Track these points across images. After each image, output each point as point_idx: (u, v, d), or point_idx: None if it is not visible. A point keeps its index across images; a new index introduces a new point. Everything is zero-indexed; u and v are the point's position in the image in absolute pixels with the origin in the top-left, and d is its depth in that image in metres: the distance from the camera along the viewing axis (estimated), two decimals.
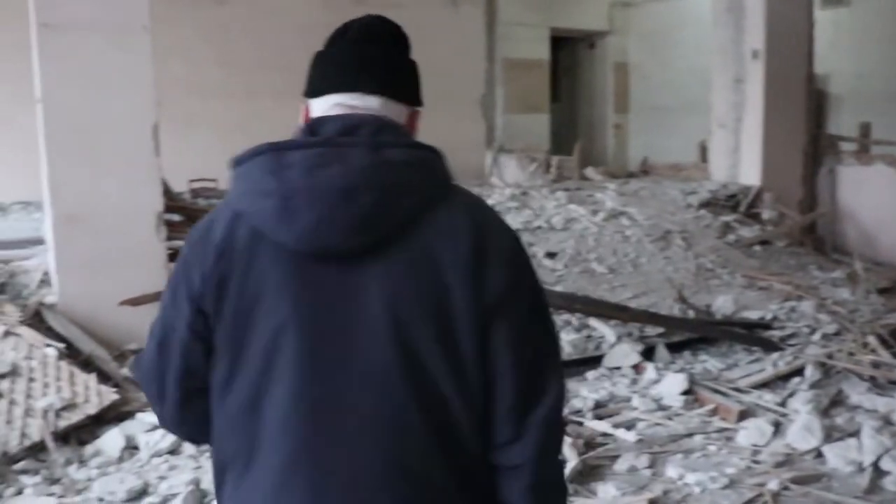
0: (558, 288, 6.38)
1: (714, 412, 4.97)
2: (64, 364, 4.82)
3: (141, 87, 5.61)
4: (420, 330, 1.48)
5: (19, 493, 3.90)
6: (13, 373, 4.61)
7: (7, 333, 4.98)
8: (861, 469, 4.25)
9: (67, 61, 5.41)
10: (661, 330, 5.90)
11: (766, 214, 8.80)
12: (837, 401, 5.15)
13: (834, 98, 12.55)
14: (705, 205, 8.69)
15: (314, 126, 1.53)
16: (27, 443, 4.17)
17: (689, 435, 4.70)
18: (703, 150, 11.02)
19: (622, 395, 5.19)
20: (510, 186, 9.29)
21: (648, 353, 5.70)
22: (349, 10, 1.95)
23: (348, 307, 1.49)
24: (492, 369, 1.51)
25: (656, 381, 5.32)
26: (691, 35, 13.13)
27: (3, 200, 8.81)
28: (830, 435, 4.57)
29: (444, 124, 10.99)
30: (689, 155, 12.48)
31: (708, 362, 5.69)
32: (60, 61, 5.40)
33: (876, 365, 5.48)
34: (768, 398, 5.10)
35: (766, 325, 6.20)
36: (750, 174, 9.36)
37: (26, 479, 3.98)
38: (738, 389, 5.24)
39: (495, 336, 1.50)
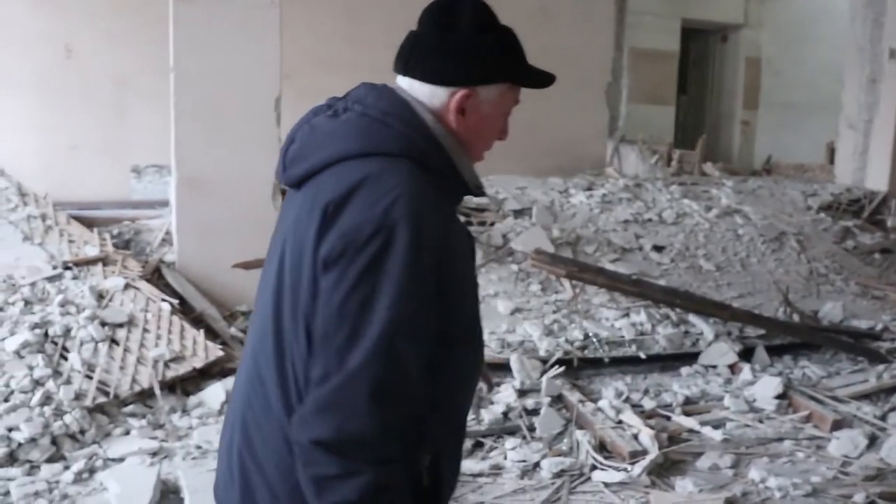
0: (662, 282, 6.34)
1: (807, 419, 4.88)
2: (176, 319, 5.12)
3: (267, 59, 5.84)
4: (287, 278, 1.56)
5: (126, 433, 4.19)
6: (130, 323, 4.92)
7: (128, 286, 5.31)
8: None
9: (200, 33, 5.69)
10: (761, 332, 5.81)
11: (891, 221, 8.47)
12: None
13: None
14: (826, 208, 8.43)
15: None
16: (137, 388, 4.46)
17: (779, 439, 4.64)
18: (831, 152, 10.66)
19: (714, 393, 5.16)
20: (627, 177, 9.22)
21: (746, 354, 5.62)
22: None
23: (276, 246, 1.65)
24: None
25: (751, 383, 5.25)
26: (827, 30, 12.69)
27: (138, 163, 9.31)
28: None
29: (567, 112, 11.08)
30: (817, 156, 12.09)
31: (808, 368, 5.58)
32: (193, 33, 5.69)
33: None
34: (867, 410, 4.98)
35: (875, 336, 6.01)
36: (877, 178, 9.02)
37: (133, 422, 4.26)
38: (836, 398, 5.13)
39: (318, 302, 1.50)
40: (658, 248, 7.01)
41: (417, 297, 1.46)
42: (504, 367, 5.07)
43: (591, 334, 5.48)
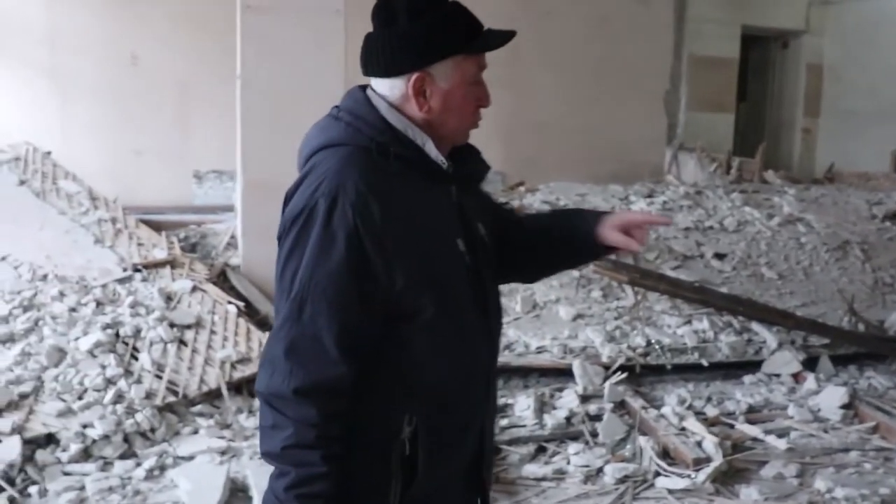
0: (724, 289, 6.29)
1: (875, 430, 4.80)
2: (242, 321, 5.22)
3: (331, 66, 5.93)
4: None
5: (195, 432, 4.28)
6: (197, 324, 5.03)
7: (195, 288, 5.43)
8: None
9: (266, 41, 5.81)
10: (826, 341, 5.73)
11: None
12: None
13: None
14: (891, 217, 8.26)
15: None
16: (205, 389, 4.56)
17: (845, 450, 4.57)
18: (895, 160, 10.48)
19: (778, 402, 5.10)
20: (686, 185, 9.16)
21: (811, 364, 5.55)
22: None
23: None
24: None
25: (816, 392, 5.19)
26: (892, 36, 12.46)
27: (199, 169, 9.49)
28: None
29: (625, 118, 11.06)
30: (881, 164, 11.86)
31: (874, 379, 5.49)
32: (260, 41, 5.81)
33: None
34: None
35: None
36: None
37: (202, 421, 4.36)
38: None
39: None
40: (719, 256, 6.95)
41: (327, 266, 1.60)
42: (567, 373, 5.08)
43: (653, 341, 5.46)
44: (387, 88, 1.74)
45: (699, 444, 4.36)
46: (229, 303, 5.38)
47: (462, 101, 1.75)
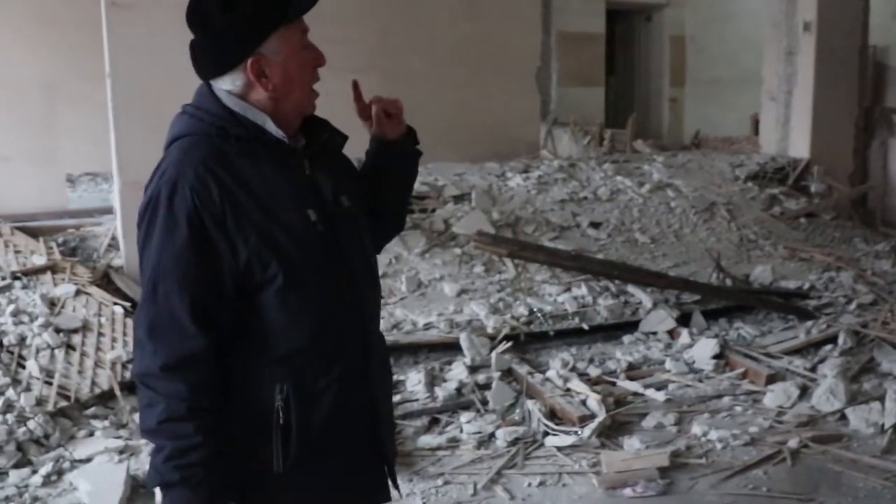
0: (600, 256, 6.58)
1: (744, 376, 5.15)
2: (130, 321, 5.20)
3: None
4: None
5: (91, 434, 4.28)
6: (84, 328, 5.00)
7: (79, 292, 5.37)
8: (882, 431, 4.41)
9: (134, 38, 5.74)
10: (697, 297, 6.07)
11: (815, 187, 8.83)
12: (868, 368, 5.28)
13: (894, 70, 12.42)
14: (753, 177, 8.74)
15: None
16: (97, 391, 4.55)
17: (718, 396, 4.90)
18: (756, 124, 11.02)
19: (656, 358, 5.40)
20: (561, 159, 9.45)
21: (684, 320, 5.87)
22: None
23: None
24: None
25: (690, 346, 5.51)
26: (747, 6, 13.08)
27: (72, 172, 9.26)
28: (856, 399, 4.73)
29: (498, 98, 11.24)
30: (743, 128, 12.47)
31: (742, 329, 5.85)
32: (127, 38, 5.74)
33: None
34: (798, 364, 5.26)
35: (803, 295, 6.32)
36: (800, 147, 9.37)
37: (97, 423, 4.35)
38: (769, 355, 5.41)
39: None
40: (595, 225, 7.25)
41: (173, 247, 1.73)
42: (455, 347, 5.25)
43: (535, 310, 5.68)
44: (229, 83, 1.84)
45: (584, 402, 4.60)
46: (115, 304, 5.35)
47: (300, 68, 1.86)
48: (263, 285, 1.78)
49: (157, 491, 1.79)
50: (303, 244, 1.82)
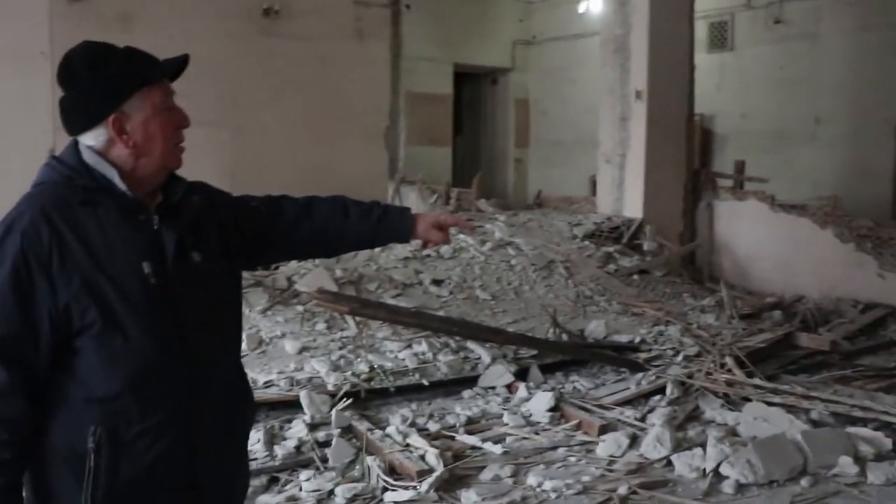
0: (442, 313, 6.70)
1: (578, 427, 5.31)
2: None
3: (39, 110, 5.82)
4: None
5: None
6: None
7: None
8: (703, 475, 4.64)
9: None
10: (534, 352, 6.26)
11: (647, 245, 9.30)
12: (693, 416, 5.55)
13: (719, 137, 13.29)
14: (589, 236, 9.13)
15: None
16: None
17: (553, 448, 5.03)
18: (594, 184, 11.54)
19: (494, 412, 5.51)
20: None
21: (522, 374, 6.02)
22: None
23: None
24: None
25: (527, 400, 5.65)
26: (587, 74, 13.73)
27: None
28: (681, 445, 4.97)
29: (348, 155, 11.33)
30: (582, 188, 13.02)
31: (577, 382, 6.06)
32: None
33: (730, 383, 5.92)
34: (629, 414, 5.48)
35: (634, 348, 6.62)
36: (633, 207, 9.87)
37: None
38: (602, 406, 5.60)
39: None
40: (437, 282, 7.39)
41: None
42: (295, 405, 5.21)
43: (376, 366, 5.72)
44: (92, 139, 1.90)
45: (422, 457, 4.64)
46: None
47: (161, 127, 1.93)
48: (82, 330, 1.82)
49: None
50: (128, 294, 1.85)
